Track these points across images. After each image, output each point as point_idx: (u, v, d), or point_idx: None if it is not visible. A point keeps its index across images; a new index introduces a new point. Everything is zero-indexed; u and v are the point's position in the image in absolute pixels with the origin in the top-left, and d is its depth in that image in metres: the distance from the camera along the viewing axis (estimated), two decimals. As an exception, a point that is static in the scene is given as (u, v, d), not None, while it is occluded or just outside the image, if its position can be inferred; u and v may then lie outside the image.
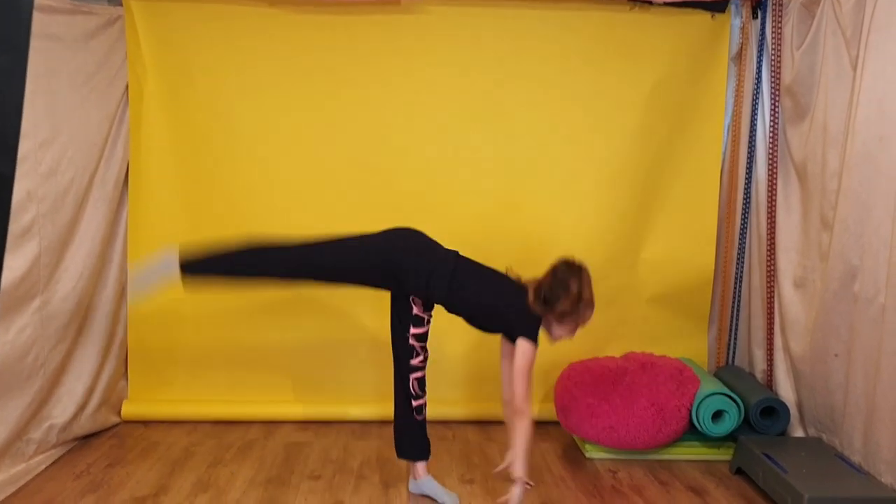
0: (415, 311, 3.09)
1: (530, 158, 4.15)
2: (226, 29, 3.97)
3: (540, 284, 3.03)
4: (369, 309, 4.12)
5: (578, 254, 4.14)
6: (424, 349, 3.18)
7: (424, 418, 3.25)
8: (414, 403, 3.20)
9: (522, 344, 2.97)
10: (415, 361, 3.15)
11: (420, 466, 3.28)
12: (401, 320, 3.15)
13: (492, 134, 4.13)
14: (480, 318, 3.11)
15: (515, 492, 2.94)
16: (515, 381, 2.96)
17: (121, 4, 3.89)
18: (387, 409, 4.02)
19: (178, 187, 4.08)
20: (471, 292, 3.06)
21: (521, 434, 2.95)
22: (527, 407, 2.95)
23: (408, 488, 3.33)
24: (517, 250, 4.14)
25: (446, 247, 3.13)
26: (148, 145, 4.03)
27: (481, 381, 4.12)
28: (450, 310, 3.12)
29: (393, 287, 3.12)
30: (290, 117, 4.06)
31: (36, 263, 3.33)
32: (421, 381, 3.19)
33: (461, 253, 3.14)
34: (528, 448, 2.96)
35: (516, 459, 2.95)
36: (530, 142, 4.14)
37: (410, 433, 3.26)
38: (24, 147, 3.20)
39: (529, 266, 4.14)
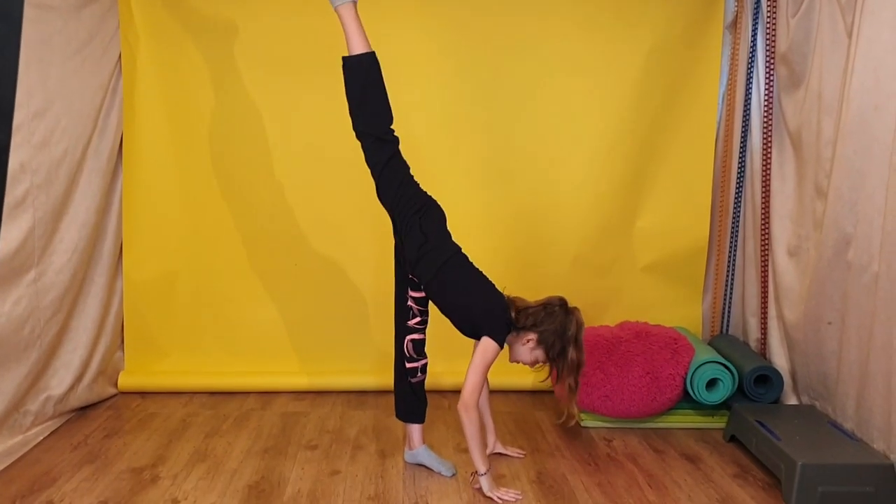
0: (411, 275, 3.10)
1: (525, 127, 4.14)
2: (219, -2, 3.94)
3: (529, 305, 3.03)
4: (365, 279, 4.14)
5: (574, 222, 4.19)
6: (423, 312, 3.18)
7: (420, 382, 3.26)
8: (408, 365, 3.21)
9: (486, 341, 2.95)
10: (411, 322, 3.16)
11: (416, 436, 3.30)
12: (401, 282, 3.17)
13: (486, 102, 4.12)
14: (455, 316, 3.06)
15: (482, 483, 2.99)
16: (468, 373, 2.94)
17: (112, -27, 3.86)
18: (382, 379, 4.06)
19: (173, 157, 4.07)
20: (453, 288, 3.04)
21: (466, 431, 2.95)
22: (471, 402, 2.92)
23: (404, 458, 3.35)
24: (513, 220, 4.16)
25: (453, 240, 3.12)
26: (142, 115, 4.01)
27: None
28: (429, 297, 3.12)
29: (396, 240, 3.13)
30: (284, 84, 4.04)
31: (30, 235, 3.32)
32: (417, 344, 3.19)
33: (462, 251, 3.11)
34: (479, 443, 2.96)
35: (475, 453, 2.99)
36: (525, 110, 4.12)
37: (403, 395, 3.28)
38: (18, 118, 3.18)
39: (524, 236, 4.18)
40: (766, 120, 3.88)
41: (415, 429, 3.31)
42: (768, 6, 3.82)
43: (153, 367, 4.18)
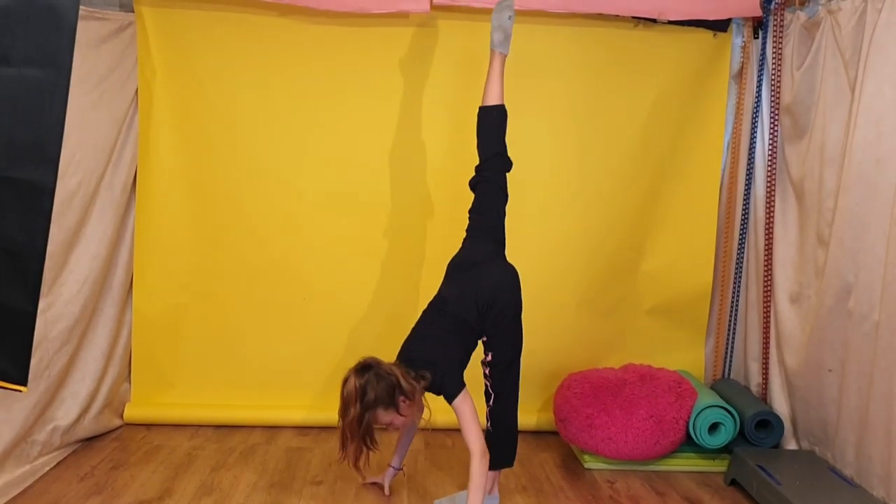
0: None
1: (532, 171, 4.18)
2: (236, 37, 4.01)
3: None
4: (372, 316, 4.17)
5: (579, 266, 4.22)
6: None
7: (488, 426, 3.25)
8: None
9: None
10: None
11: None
12: None
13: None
14: None
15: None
16: None
17: (132, 10, 3.93)
18: (388, 416, 4.07)
19: (187, 192, 4.11)
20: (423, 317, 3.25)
21: None
22: None
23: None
24: (517, 262, 4.17)
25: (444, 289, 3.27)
26: (157, 150, 4.06)
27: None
28: None
29: None
30: (298, 124, 4.09)
31: (42, 266, 3.36)
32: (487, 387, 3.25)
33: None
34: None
35: None
36: (533, 154, 4.18)
37: None
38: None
39: (529, 278, 4.19)
40: (769, 169, 3.95)
41: None
42: (774, 58, 3.91)
43: (159, 400, 4.19)
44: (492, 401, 3.21)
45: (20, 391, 2.92)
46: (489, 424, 3.21)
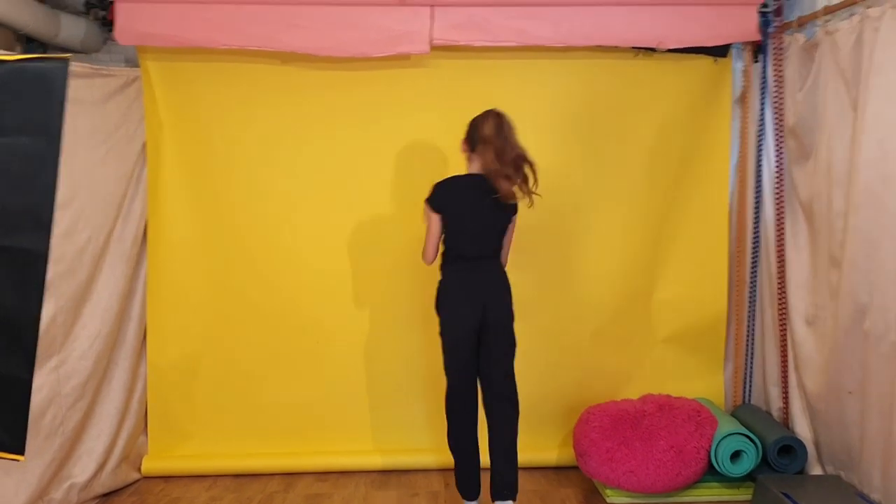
0: None
1: (541, 203, 4.18)
2: (240, 86, 4.06)
3: None
4: (388, 358, 4.15)
5: (593, 296, 4.21)
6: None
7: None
8: None
9: None
10: None
11: None
12: None
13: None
14: None
15: None
16: None
17: (138, 66, 3.99)
18: (405, 458, 4.06)
19: (197, 241, 4.13)
20: None
21: None
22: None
23: None
24: (531, 293, 4.16)
25: None
26: (166, 201, 4.10)
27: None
28: None
29: None
30: (305, 168, 4.12)
31: (52, 323, 3.36)
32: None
33: None
34: None
35: None
36: (541, 187, 4.17)
37: None
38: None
39: (544, 310, 4.20)
40: (777, 192, 3.93)
41: None
42: (775, 81, 3.91)
43: (176, 451, 4.18)
44: None
45: (17, 461, 2.92)
46: None
